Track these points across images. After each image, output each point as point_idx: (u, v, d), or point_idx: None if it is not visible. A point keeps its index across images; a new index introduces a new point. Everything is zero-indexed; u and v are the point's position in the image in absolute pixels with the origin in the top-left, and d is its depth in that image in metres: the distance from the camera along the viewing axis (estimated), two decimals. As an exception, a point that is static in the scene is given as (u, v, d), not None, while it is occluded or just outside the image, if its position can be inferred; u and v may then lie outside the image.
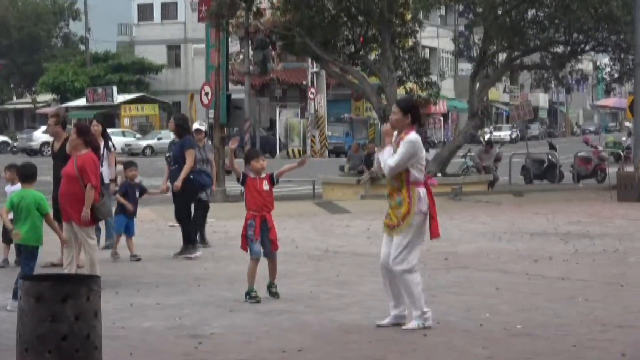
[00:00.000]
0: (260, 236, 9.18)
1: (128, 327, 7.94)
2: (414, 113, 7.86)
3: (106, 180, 12.60)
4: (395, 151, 7.79)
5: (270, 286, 9.40)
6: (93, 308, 6.11)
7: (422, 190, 7.82)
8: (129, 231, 12.49)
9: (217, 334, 7.72)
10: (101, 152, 12.57)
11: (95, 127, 12.83)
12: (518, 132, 65.66)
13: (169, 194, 12.94)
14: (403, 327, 7.83)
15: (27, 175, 9.19)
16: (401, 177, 7.79)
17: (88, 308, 6.07)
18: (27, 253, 8.92)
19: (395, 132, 7.89)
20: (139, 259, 12.18)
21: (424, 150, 7.95)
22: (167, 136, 56.42)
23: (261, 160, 9.41)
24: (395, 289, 7.94)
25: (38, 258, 9.11)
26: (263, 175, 9.34)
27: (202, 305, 9.01)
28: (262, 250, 9.23)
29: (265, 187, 9.27)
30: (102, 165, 12.31)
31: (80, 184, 9.58)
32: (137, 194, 12.70)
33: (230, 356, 6.97)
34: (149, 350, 7.17)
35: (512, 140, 63.21)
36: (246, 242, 9.26)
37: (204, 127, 14.39)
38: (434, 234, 7.94)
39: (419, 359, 6.90)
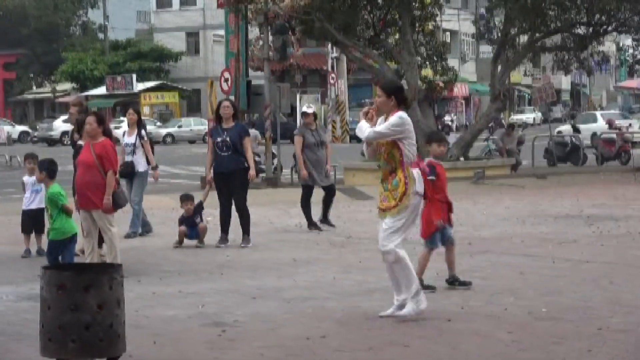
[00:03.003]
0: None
1: (151, 316, 7.93)
2: (399, 95, 7.69)
3: (141, 169, 12.98)
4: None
5: (456, 279, 8.95)
6: (116, 297, 6.10)
7: (416, 171, 7.69)
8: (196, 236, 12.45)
9: (241, 321, 7.69)
10: (134, 141, 12.94)
11: (131, 116, 13.16)
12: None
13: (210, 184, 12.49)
14: (398, 314, 7.66)
15: (55, 171, 9.52)
16: (395, 158, 7.61)
17: (111, 297, 6.06)
18: (69, 243, 9.31)
19: (382, 118, 7.68)
20: (199, 246, 12.25)
21: (413, 131, 7.71)
22: (188, 124, 56.54)
23: (443, 145, 8.99)
24: (393, 275, 7.75)
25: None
26: (442, 163, 9.01)
27: (225, 293, 8.99)
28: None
29: None
30: (134, 154, 12.86)
31: (99, 171, 9.63)
32: (199, 218, 12.41)
33: (253, 344, 6.94)
34: (172, 339, 7.15)
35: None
36: (432, 231, 8.79)
37: (311, 110, 13.85)
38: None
39: (443, 344, 6.84)
